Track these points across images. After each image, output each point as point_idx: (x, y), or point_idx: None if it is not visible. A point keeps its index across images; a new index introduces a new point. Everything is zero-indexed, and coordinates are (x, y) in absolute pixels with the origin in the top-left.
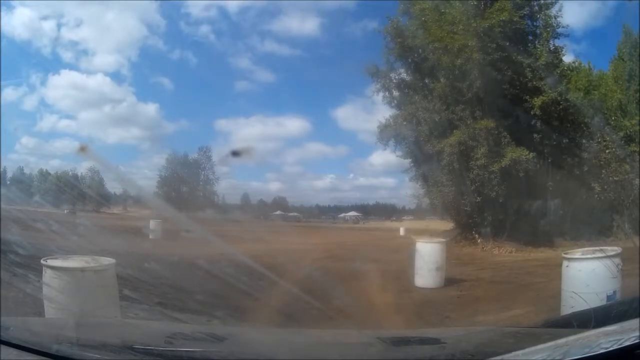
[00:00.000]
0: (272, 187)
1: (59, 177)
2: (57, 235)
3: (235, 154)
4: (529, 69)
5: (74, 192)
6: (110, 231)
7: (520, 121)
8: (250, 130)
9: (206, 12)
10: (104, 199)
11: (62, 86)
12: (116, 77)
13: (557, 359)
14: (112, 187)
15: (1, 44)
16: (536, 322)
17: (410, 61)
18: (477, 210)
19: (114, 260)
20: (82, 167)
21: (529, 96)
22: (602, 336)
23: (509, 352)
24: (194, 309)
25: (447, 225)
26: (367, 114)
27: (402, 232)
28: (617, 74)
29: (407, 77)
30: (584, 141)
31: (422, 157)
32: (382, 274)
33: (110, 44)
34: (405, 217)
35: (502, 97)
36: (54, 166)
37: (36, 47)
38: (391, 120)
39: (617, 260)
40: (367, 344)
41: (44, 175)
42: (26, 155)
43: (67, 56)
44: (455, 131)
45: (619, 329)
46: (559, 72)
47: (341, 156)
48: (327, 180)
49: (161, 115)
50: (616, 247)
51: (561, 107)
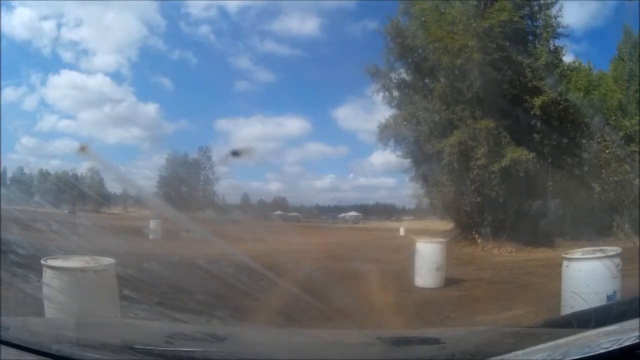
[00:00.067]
0: (272, 187)
1: (59, 177)
2: (57, 235)
3: (235, 154)
4: (529, 69)
5: (74, 192)
6: (110, 231)
7: (520, 121)
8: (250, 130)
9: (206, 12)
10: (104, 199)
11: (62, 86)
12: (116, 77)
13: (557, 359)
14: (112, 187)
15: (1, 44)
16: (536, 322)
17: (410, 61)
18: (477, 210)
19: (114, 260)
20: (82, 167)
21: (529, 96)
22: (602, 336)
23: (509, 352)
24: (194, 309)
25: (447, 225)
26: (367, 114)
27: (402, 232)
28: (617, 74)
29: (407, 77)
30: (584, 141)
31: (422, 157)
32: (382, 274)
33: (110, 44)
34: (405, 217)
35: (502, 97)
36: (54, 166)
37: (36, 47)
38: (391, 120)
39: (617, 260)
40: (367, 344)
41: (44, 175)
42: (26, 155)
43: (67, 56)
44: (455, 131)
45: (619, 329)
46: (559, 72)
47: (341, 156)
48: (327, 180)
49: (161, 115)
50: (616, 247)
51: (561, 107)
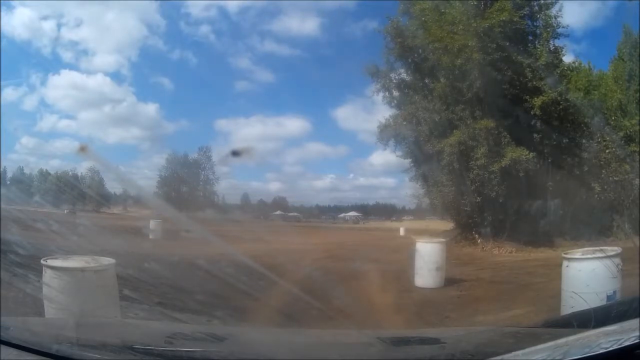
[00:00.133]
0: (272, 187)
1: (59, 177)
2: (57, 235)
3: (235, 154)
4: (529, 69)
5: (74, 192)
6: (110, 231)
7: (520, 121)
8: (250, 130)
9: (206, 12)
10: (104, 199)
11: (62, 86)
12: (116, 77)
13: (557, 359)
14: (112, 187)
15: (1, 44)
16: (536, 322)
17: (410, 61)
18: (477, 210)
19: (114, 260)
20: (82, 167)
21: (529, 96)
22: (602, 336)
23: (509, 352)
24: (194, 309)
25: (447, 225)
26: (367, 114)
27: (402, 232)
28: (617, 74)
29: (407, 77)
30: (584, 141)
31: (422, 157)
32: (382, 274)
33: (110, 44)
34: (405, 217)
35: (502, 97)
36: (54, 166)
37: (36, 47)
38: (391, 120)
39: (617, 260)
40: (367, 344)
41: (44, 175)
42: (26, 155)
43: (67, 56)
44: (455, 131)
45: (619, 329)
46: (559, 72)
47: (341, 156)
48: (327, 180)
49: (161, 115)
50: (616, 247)
51: (561, 107)
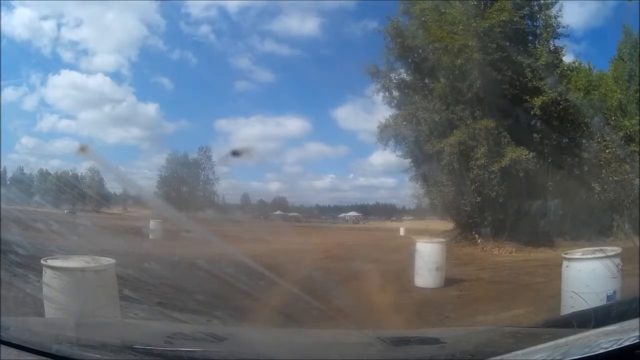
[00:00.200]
0: (272, 187)
1: (59, 177)
2: (57, 235)
3: (235, 154)
4: (529, 69)
5: (74, 192)
6: (110, 231)
7: (520, 121)
8: (250, 130)
9: (206, 12)
10: (104, 199)
11: (62, 86)
12: (116, 77)
13: (557, 359)
14: (112, 187)
15: (1, 44)
16: (536, 322)
17: (410, 61)
18: (477, 210)
19: (114, 260)
20: (82, 167)
21: (529, 96)
22: (602, 336)
23: (509, 352)
24: (194, 309)
25: (447, 225)
26: (367, 114)
27: (402, 232)
28: (617, 74)
29: (407, 77)
30: (584, 141)
31: (422, 157)
32: (382, 274)
33: (110, 44)
34: (405, 217)
35: (502, 97)
36: (54, 166)
37: (36, 47)
38: (391, 120)
39: (617, 260)
40: (367, 344)
41: (44, 175)
42: (26, 155)
43: (67, 56)
44: (455, 131)
45: (619, 329)
46: (559, 72)
47: (341, 156)
48: (327, 180)
49: (161, 115)
50: (616, 247)
51: (561, 107)
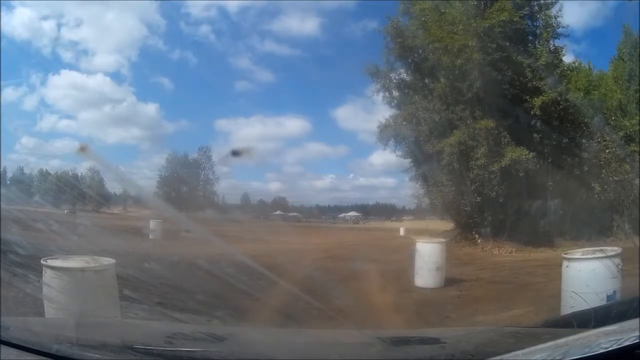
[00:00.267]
0: (272, 187)
1: (59, 177)
2: (57, 235)
3: (235, 154)
4: (529, 69)
5: (74, 192)
6: (110, 231)
7: (520, 121)
8: (250, 130)
9: (206, 12)
10: (104, 199)
11: (62, 86)
12: (116, 77)
13: (557, 359)
14: (112, 187)
15: (1, 44)
16: (536, 322)
17: (410, 61)
18: (477, 210)
19: (114, 260)
20: (82, 167)
21: (529, 96)
22: (602, 336)
23: (509, 352)
24: (194, 309)
25: (447, 225)
26: (367, 114)
27: (402, 232)
28: (617, 74)
29: (407, 77)
30: (584, 141)
31: (422, 157)
32: (382, 274)
33: (110, 44)
34: (405, 217)
35: (502, 97)
36: (54, 166)
37: (36, 47)
38: (391, 120)
39: (617, 260)
40: (367, 344)
41: (44, 175)
42: (26, 155)
43: (67, 56)
44: (455, 131)
45: (619, 329)
46: (559, 72)
47: (341, 156)
48: (327, 180)
49: (161, 115)
50: (616, 247)
51: (561, 107)
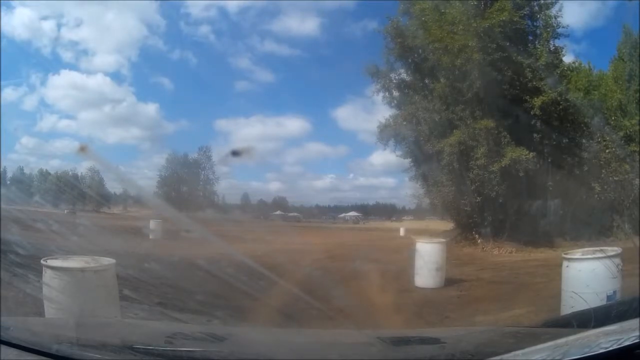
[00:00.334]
0: (272, 187)
1: (59, 177)
2: (57, 235)
3: (235, 154)
4: (529, 69)
5: (74, 192)
6: (110, 231)
7: (520, 121)
8: (250, 130)
9: (206, 12)
10: (104, 199)
11: (62, 86)
12: (116, 77)
13: (557, 358)
14: (112, 187)
15: (1, 44)
16: (536, 322)
17: (410, 61)
18: (477, 210)
19: (114, 260)
20: (82, 167)
21: (529, 96)
22: (602, 336)
23: (509, 352)
24: (194, 309)
25: (447, 225)
26: (367, 114)
27: (402, 232)
28: (617, 74)
29: (407, 77)
30: (584, 141)
31: (422, 157)
32: (382, 274)
33: (110, 44)
34: (405, 217)
35: (502, 97)
36: (54, 166)
37: (36, 47)
38: (391, 120)
39: (617, 260)
40: (367, 344)
41: (44, 175)
42: (26, 155)
43: (67, 56)
44: (455, 131)
45: (619, 329)
46: (559, 72)
47: (341, 156)
48: (327, 180)
49: (161, 115)
50: (616, 247)
51: (561, 107)
